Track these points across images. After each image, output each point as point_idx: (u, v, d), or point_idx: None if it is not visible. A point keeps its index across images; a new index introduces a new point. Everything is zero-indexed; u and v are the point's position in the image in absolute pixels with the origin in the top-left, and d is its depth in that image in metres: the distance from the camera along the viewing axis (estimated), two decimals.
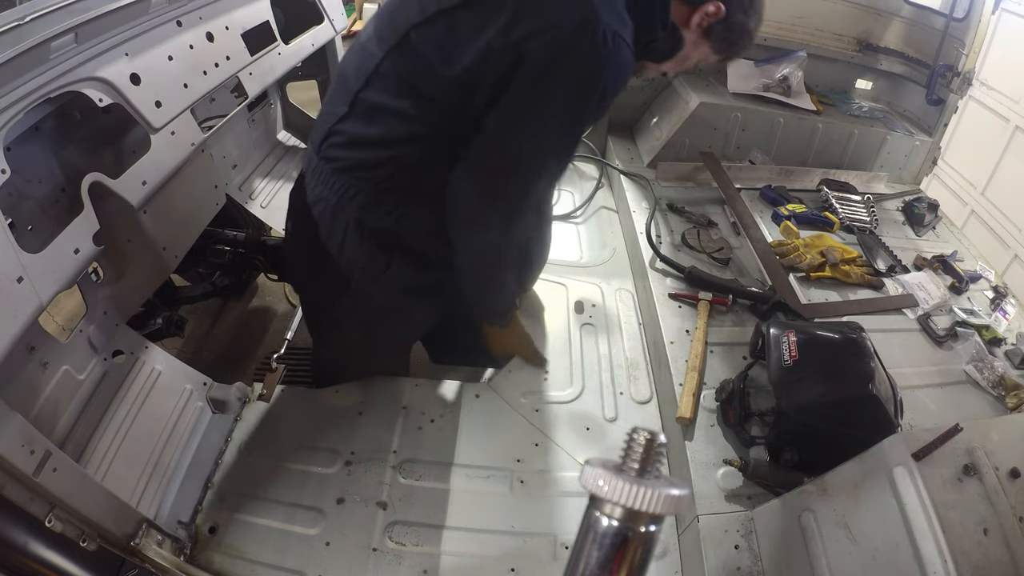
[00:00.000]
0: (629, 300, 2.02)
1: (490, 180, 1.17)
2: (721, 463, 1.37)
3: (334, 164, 1.23)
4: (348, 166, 1.21)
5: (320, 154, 1.25)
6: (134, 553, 1.18)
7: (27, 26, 1.08)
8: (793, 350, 1.37)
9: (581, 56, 1.01)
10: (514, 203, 1.23)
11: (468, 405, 1.65)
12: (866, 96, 2.84)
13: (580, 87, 1.04)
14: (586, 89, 1.05)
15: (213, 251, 1.98)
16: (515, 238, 1.31)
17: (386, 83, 1.14)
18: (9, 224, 1.05)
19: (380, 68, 1.14)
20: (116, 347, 1.45)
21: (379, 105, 1.16)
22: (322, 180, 1.25)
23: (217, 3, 1.69)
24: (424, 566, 1.33)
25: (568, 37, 0.99)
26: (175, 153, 1.51)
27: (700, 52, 1.25)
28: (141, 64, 1.40)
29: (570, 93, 1.05)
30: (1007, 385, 1.61)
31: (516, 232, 1.29)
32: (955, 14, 2.40)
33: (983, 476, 0.91)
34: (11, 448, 0.94)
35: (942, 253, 2.13)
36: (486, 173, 1.17)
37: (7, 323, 1.01)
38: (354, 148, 1.21)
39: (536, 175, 1.20)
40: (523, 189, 1.21)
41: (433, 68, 1.09)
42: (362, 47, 1.21)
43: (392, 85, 1.14)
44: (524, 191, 1.22)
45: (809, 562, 1.08)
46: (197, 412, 1.56)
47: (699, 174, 2.41)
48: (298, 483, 1.45)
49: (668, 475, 1.48)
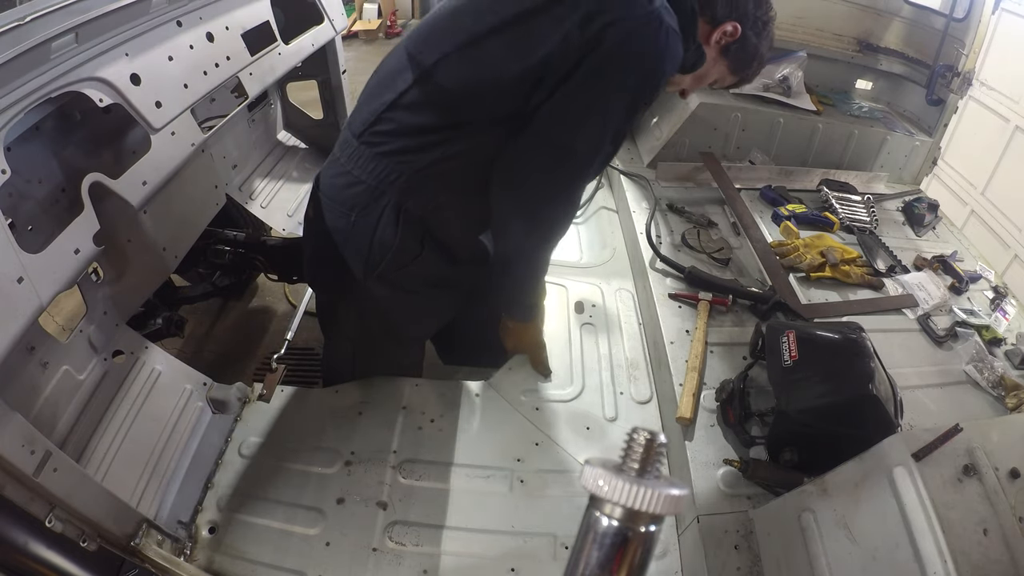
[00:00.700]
0: (629, 300, 2.02)
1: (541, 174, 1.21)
2: (721, 463, 1.37)
3: (377, 148, 1.24)
4: (392, 151, 1.23)
5: (361, 139, 1.26)
6: (134, 553, 1.18)
7: (27, 26, 1.08)
8: (793, 350, 1.37)
9: (647, 43, 1.09)
10: (561, 198, 1.27)
11: (468, 405, 1.65)
12: (866, 96, 2.83)
13: (641, 73, 1.12)
14: (645, 76, 1.13)
15: (213, 251, 1.98)
16: (559, 233, 1.35)
17: (448, 74, 1.18)
18: (9, 224, 1.05)
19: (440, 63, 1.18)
20: (116, 347, 1.45)
21: (434, 95, 1.19)
22: (360, 164, 1.26)
23: (217, 3, 1.69)
24: (424, 566, 1.33)
25: (638, 26, 1.07)
26: (175, 153, 1.52)
27: (717, 70, 1.34)
28: (141, 64, 1.40)
29: (632, 78, 1.12)
30: (1007, 385, 1.61)
31: (560, 228, 1.34)
32: (955, 14, 2.40)
33: (983, 476, 0.91)
34: (11, 448, 0.94)
35: (942, 253, 2.12)
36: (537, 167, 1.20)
37: (7, 323, 1.01)
38: (401, 135, 1.23)
39: (586, 165, 1.24)
40: (570, 183, 1.26)
41: (499, 65, 1.14)
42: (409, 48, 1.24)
43: (452, 78, 1.18)
44: (572, 185, 1.26)
45: (809, 562, 1.08)
46: (197, 412, 1.56)
47: (699, 174, 2.41)
48: (298, 483, 1.45)
49: (668, 475, 1.48)
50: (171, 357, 1.60)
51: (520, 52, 1.12)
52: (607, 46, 1.08)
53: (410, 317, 1.56)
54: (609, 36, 1.07)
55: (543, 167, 1.21)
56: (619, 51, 1.09)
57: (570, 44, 1.08)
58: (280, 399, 1.65)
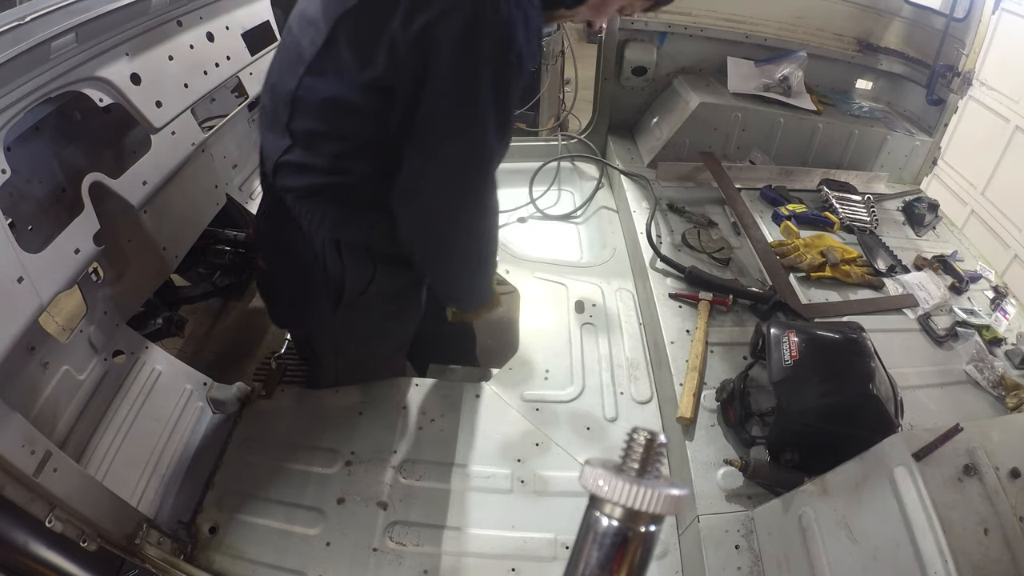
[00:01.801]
0: (629, 300, 2.02)
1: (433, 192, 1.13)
2: (721, 463, 1.37)
3: (293, 194, 1.21)
4: (306, 193, 1.20)
5: (276, 188, 1.23)
6: (134, 553, 1.18)
7: (27, 26, 1.08)
8: (793, 350, 1.37)
9: (488, 29, 0.98)
10: (463, 215, 1.19)
11: (468, 405, 1.65)
12: (866, 96, 2.83)
13: (496, 60, 1.01)
14: (503, 61, 1.02)
15: (213, 251, 1.98)
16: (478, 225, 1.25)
17: (310, 107, 1.12)
18: (9, 224, 1.05)
19: (298, 93, 1.12)
20: (116, 347, 1.45)
21: (313, 131, 1.14)
22: (284, 213, 1.24)
23: (217, 3, 1.69)
24: (424, 566, 1.33)
25: (470, 13, 0.97)
26: (175, 153, 1.52)
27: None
28: (141, 64, 1.40)
29: (489, 69, 1.02)
30: (1007, 385, 1.61)
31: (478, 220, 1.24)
32: (955, 14, 2.39)
33: (983, 476, 0.91)
34: (11, 448, 0.94)
35: (942, 253, 2.12)
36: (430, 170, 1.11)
37: (7, 323, 1.01)
38: (305, 175, 1.18)
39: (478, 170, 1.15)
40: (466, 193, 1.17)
41: (347, 82, 1.07)
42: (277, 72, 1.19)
43: (316, 108, 1.12)
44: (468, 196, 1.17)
45: (809, 562, 1.08)
46: (197, 412, 1.56)
47: (699, 174, 2.41)
48: (298, 483, 1.45)
49: (668, 475, 1.48)
50: (171, 357, 1.60)
51: (357, 66, 1.04)
52: (441, 49, 0.98)
53: (384, 334, 1.55)
54: (440, 37, 0.98)
55: (434, 185, 1.13)
56: (457, 53, 0.99)
57: (399, 50, 0.99)
58: (280, 399, 1.65)
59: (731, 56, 2.58)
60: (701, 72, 2.63)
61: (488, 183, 1.19)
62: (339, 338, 1.50)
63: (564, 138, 2.74)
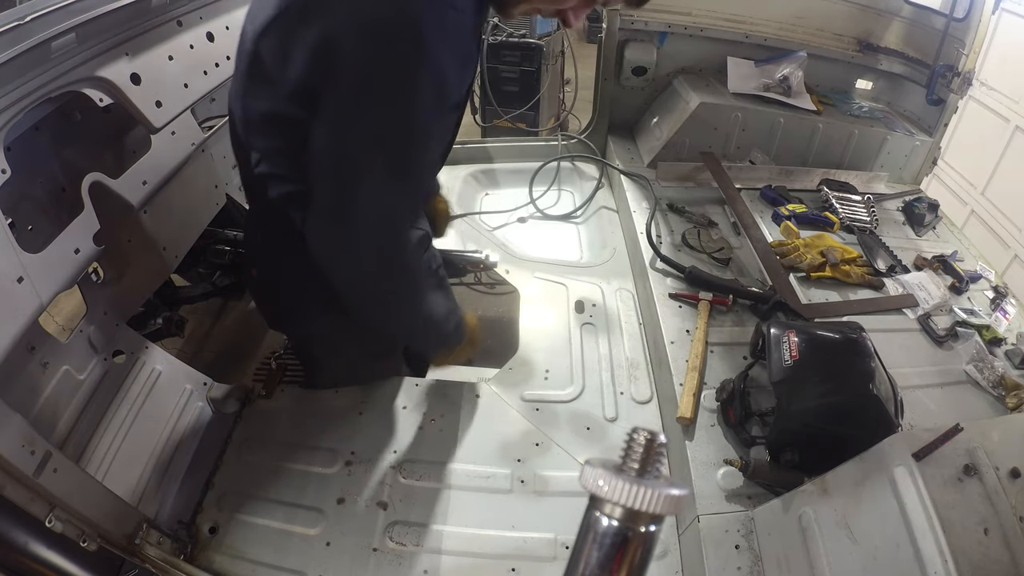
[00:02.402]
0: (629, 300, 2.02)
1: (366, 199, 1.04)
2: (721, 463, 1.37)
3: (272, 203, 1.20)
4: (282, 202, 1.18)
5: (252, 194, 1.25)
6: (134, 553, 1.18)
7: (27, 26, 1.08)
8: (793, 350, 1.37)
9: (388, 35, 0.90)
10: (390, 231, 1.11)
11: (468, 405, 1.65)
12: (866, 96, 2.83)
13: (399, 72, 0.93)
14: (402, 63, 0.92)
15: (213, 251, 1.98)
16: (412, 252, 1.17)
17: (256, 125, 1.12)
18: (9, 224, 1.05)
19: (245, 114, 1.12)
20: (116, 347, 1.45)
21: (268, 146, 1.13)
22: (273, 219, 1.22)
23: (217, 3, 1.69)
24: (424, 566, 1.33)
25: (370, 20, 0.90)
26: (175, 153, 1.52)
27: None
28: (141, 64, 1.40)
29: (386, 74, 0.93)
30: (1007, 385, 1.61)
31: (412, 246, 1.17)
32: (955, 14, 2.39)
33: (983, 476, 0.91)
34: (11, 448, 0.94)
35: (942, 253, 2.12)
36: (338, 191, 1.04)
37: (7, 323, 1.01)
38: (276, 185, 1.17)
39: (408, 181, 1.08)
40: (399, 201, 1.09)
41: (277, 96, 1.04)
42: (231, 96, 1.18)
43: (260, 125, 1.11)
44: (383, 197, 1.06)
45: (809, 562, 1.08)
46: (197, 412, 1.56)
47: (699, 174, 2.41)
48: (298, 483, 1.45)
49: (668, 475, 1.48)
50: (171, 357, 1.60)
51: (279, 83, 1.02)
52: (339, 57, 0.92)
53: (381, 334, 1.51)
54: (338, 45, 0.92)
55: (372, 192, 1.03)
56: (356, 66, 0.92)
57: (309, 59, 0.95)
58: (280, 399, 1.65)
59: (731, 56, 2.58)
60: (701, 72, 2.63)
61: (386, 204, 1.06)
62: (336, 340, 1.50)
63: (564, 138, 2.75)
